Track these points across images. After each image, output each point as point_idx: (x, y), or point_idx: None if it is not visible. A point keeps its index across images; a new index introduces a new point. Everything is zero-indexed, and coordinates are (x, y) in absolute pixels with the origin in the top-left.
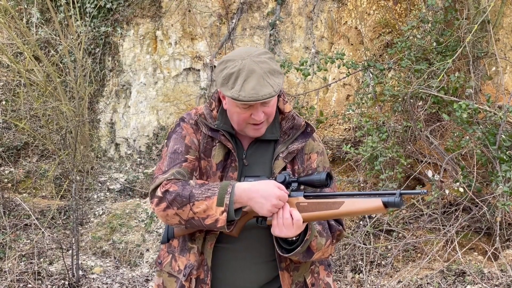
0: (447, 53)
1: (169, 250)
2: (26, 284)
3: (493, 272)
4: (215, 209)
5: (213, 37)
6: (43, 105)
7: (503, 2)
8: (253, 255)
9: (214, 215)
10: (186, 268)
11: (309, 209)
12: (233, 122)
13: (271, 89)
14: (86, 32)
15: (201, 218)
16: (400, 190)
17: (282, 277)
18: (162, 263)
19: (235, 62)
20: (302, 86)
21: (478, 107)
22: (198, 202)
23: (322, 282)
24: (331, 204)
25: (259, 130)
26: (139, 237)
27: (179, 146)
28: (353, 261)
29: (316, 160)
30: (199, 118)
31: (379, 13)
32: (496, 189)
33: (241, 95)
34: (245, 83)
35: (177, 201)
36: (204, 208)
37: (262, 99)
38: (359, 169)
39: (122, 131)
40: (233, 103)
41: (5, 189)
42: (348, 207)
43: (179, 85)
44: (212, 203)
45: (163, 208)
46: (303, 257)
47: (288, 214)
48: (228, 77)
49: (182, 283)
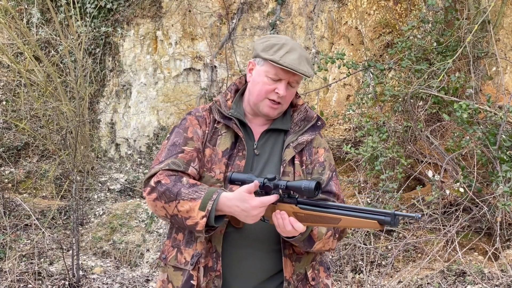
0: (448, 53)
1: (173, 244)
2: (26, 284)
3: (493, 272)
4: (197, 212)
5: (214, 37)
6: (43, 105)
7: (503, 2)
8: (259, 242)
9: (195, 218)
10: (193, 257)
11: (307, 221)
12: (253, 95)
13: (307, 70)
14: (86, 32)
15: (184, 218)
16: (394, 211)
17: (285, 264)
18: (167, 258)
19: (279, 38)
20: (302, 86)
21: (478, 107)
22: (183, 202)
23: (321, 281)
24: (328, 218)
25: (274, 110)
26: (140, 237)
27: (178, 139)
28: (353, 261)
29: (323, 155)
30: (214, 104)
31: (379, 13)
32: (496, 189)
33: (281, 60)
34: (287, 53)
35: (166, 195)
36: (187, 209)
37: (299, 72)
38: (359, 169)
39: (122, 131)
40: (263, 72)
41: (5, 189)
42: (345, 223)
43: (180, 85)
44: (196, 205)
45: (153, 198)
46: (304, 245)
47: (289, 227)
48: (271, 46)
49: (189, 273)
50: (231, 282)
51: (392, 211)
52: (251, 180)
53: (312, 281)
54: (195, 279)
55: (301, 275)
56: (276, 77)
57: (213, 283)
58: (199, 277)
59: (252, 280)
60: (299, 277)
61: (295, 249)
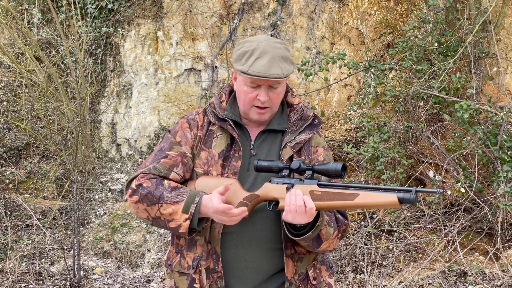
0: (448, 53)
1: (177, 250)
2: (27, 285)
3: (494, 273)
4: (180, 215)
5: (214, 37)
6: (44, 105)
7: (504, 2)
8: (259, 241)
9: (178, 221)
10: (194, 260)
11: (323, 198)
12: (240, 103)
13: (280, 71)
14: (87, 32)
15: (166, 220)
16: (416, 188)
17: (286, 264)
18: (172, 264)
19: (252, 42)
20: (303, 87)
21: (479, 108)
22: (166, 205)
23: (324, 281)
24: (345, 195)
25: (263, 115)
26: (141, 238)
27: (164, 144)
28: (354, 262)
29: (323, 154)
30: (209, 107)
31: (380, 14)
32: (497, 190)
33: (250, 70)
34: (256, 60)
35: (147, 198)
36: (170, 212)
37: (269, 77)
38: (360, 170)
39: (123, 131)
40: (242, 81)
41: (6, 189)
42: (362, 199)
43: (180, 85)
44: (178, 209)
45: (135, 201)
46: (312, 245)
47: (301, 202)
48: (243, 54)
49: (192, 277)
50: (232, 283)
51: (413, 188)
52: (277, 166)
53: (314, 281)
54: (198, 282)
55: (302, 275)
56: (254, 84)
57: (216, 284)
58: (201, 280)
59: (252, 279)
60: (300, 277)
61: (297, 249)
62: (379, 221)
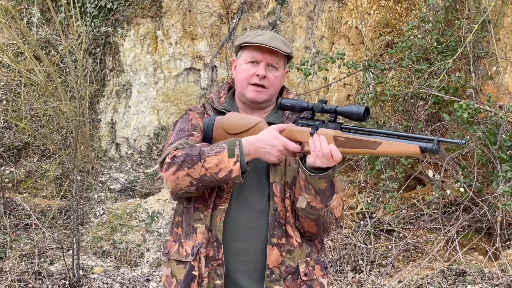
0: (448, 53)
1: (175, 238)
2: (26, 284)
3: (493, 272)
4: (227, 161)
5: (214, 37)
6: (43, 105)
7: (503, 2)
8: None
9: (228, 167)
10: (193, 248)
11: (346, 145)
12: (237, 85)
13: (280, 46)
14: (86, 32)
15: (214, 173)
16: (438, 137)
17: (269, 252)
18: (170, 253)
19: (257, 31)
20: (302, 86)
21: (478, 107)
22: (209, 158)
23: (316, 280)
24: (368, 142)
25: (258, 94)
26: (140, 237)
27: (185, 126)
28: (353, 261)
29: None
30: (207, 101)
31: (379, 13)
32: (496, 189)
33: (253, 40)
34: (259, 35)
35: (187, 162)
36: (216, 163)
37: (270, 46)
38: (359, 169)
39: (122, 131)
40: (242, 61)
41: (5, 189)
42: (385, 148)
43: (180, 85)
44: (224, 156)
45: (173, 171)
46: (327, 192)
47: (327, 149)
48: (246, 35)
49: (191, 264)
50: (234, 270)
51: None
52: (300, 105)
53: (304, 276)
54: (197, 269)
55: (291, 268)
56: (253, 59)
57: (215, 272)
58: (200, 268)
59: (254, 267)
60: (288, 269)
61: (289, 241)
62: (378, 221)
